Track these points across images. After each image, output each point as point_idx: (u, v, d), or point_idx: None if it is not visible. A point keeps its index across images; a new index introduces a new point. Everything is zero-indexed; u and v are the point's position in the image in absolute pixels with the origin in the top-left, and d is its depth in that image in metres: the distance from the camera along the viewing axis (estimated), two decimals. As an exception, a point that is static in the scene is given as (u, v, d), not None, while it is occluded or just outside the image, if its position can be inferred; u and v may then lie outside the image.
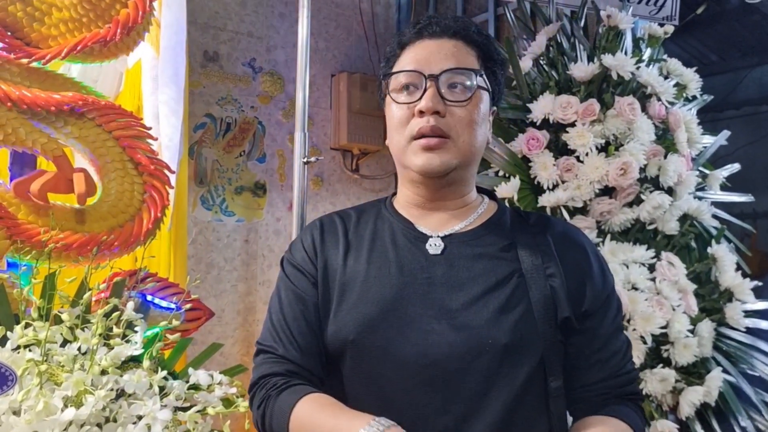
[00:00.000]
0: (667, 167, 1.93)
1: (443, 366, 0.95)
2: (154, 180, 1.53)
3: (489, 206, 1.12)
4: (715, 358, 1.88)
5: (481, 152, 1.07)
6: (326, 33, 3.24)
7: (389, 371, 0.97)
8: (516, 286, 0.99)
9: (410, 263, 1.02)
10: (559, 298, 0.99)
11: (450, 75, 1.01)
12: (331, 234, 1.09)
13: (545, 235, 1.06)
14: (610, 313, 1.05)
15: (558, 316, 0.99)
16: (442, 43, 1.03)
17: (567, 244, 1.06)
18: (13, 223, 1.35)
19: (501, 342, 0.95)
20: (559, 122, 1.93)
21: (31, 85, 1.40)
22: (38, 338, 1.11)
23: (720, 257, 1.98)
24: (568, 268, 1.02)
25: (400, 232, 1.06)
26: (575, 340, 1.02)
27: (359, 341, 0.99)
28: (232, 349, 2.87)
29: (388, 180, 3.48)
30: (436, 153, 1.00)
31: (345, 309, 1.01)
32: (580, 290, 1.02)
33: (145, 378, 1.14)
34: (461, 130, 1.00)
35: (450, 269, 1.00)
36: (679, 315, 1.78)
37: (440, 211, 1.08)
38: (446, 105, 1.00)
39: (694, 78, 2.20)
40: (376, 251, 1.05)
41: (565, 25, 2.19)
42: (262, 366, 1.04)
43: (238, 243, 2.93)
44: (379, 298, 1.00)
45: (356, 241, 1.07)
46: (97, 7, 1.47)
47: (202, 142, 2.83)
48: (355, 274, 1.03)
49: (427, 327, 0.96)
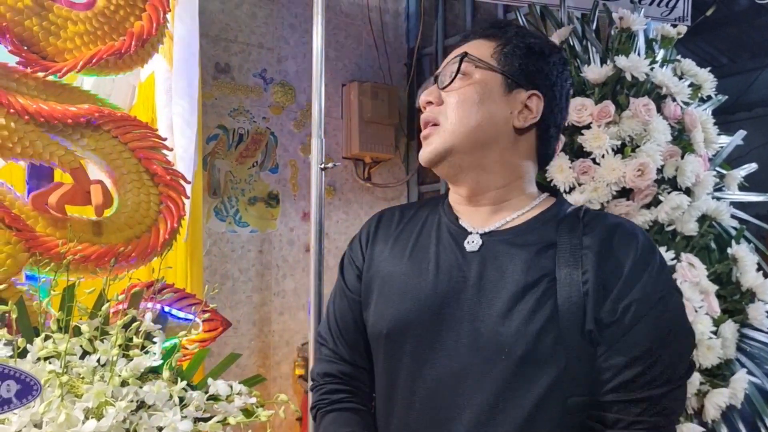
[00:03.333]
0: (684, 168, 1.91)
1: (464, 371, 0.93)
2: (170, 191, 1.53)
3: (543, 202, 1.03)
4: (739, 359, 1.84)
5: (488, 132, 0.99)
6: (336, 43, 3.25)
7: (417, 369, 0.97)
8: (544, 292, 0.91)
9: (447, 260, 1.00)
10: (588, 308, 0.89)
11: (446, 67, 1.02)
12: (386, 227, 1.11)
13: (591, 235, 0.95)
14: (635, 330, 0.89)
15: (585, 328, 0.89)
16: (465, 44, 1.05)
17: (611, 245, 0.94)
18: (32, 235, 1.36)
19: (517, 352, 0.89)
20: (574, 125, 1.91)
21: (47, 98, 1.41)
22: (58, 350, 1.12)
23: (741, 257, 1.95)
24: (602, 273, 0.91)
25: (445, 226, 1.05)
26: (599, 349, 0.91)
27: (392, 336, 1.00)
28: (248, 360, 2.86)
29: (401, 188, 3.48)
30: (427, 142, 1.01)
31: (382, 303, 1.02)
32: (606, 298, 0.90)
33: (165, 389, 1.13)
34: (450, 113, 0.99)
35: (483, 269, 0.96)
36: (701, 316, 1.75)
37: (481, 205, 1.03)
38: (442, 96, 1.01)
39: (708, 78, 2.18)
40: (419, 246, 1.04)
41: (577, 28, 2.18)
42: (320, 362, 1.12)
43: (253, 254, 2.93)
44: (414, 295, 0.99)
45: (405, 234, 1.07)
46: (112, 20, 1.48)
47: (215, 154, 2.84)
48: (396, 268, 1.03)
49: (457, 329, 0.95)
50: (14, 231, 1.34)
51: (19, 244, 1.34)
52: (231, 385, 1.27)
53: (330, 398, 1.07)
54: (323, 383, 1.10)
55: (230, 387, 1.27)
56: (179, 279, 1.88)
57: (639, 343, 0.89)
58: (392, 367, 1.01)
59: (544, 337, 0.89)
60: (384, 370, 1.03)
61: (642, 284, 0.90)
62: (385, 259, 1.06)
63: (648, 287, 0.90)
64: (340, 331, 1.09)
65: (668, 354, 0.90)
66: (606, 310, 0.90)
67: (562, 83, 1.04)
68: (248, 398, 1.28)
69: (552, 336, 0.89)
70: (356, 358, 1.08)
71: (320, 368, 1.11)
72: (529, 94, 1.00)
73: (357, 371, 1.08)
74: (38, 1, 1.40)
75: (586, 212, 1.00)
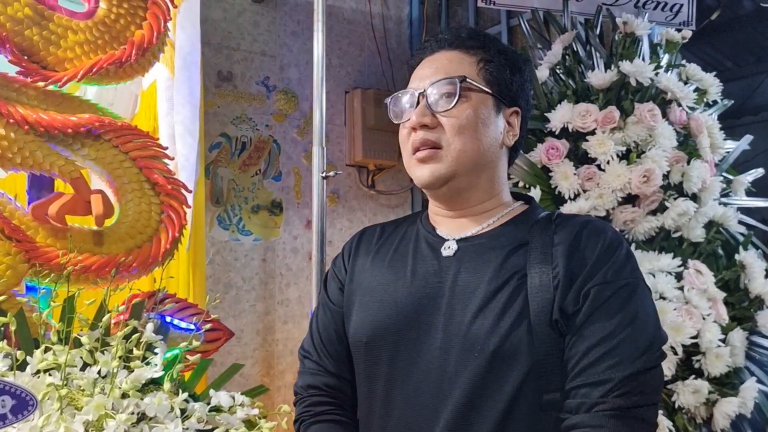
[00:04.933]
0: (690, 173, 1.89)
1: (438, 373, 0.95)
2: (172, 200, 1.52)
3: (517, 209, 1.07)
4: (748, 367, 1.82)
5: (487, 156, 1.02)
6: (339, 50, 3.25)
7: (395, 375, 0.99)
8: (514, 289, 0.94)
9: (424, 267, 1.03)
10: (556, 300, 0.91)
11: (436, 87, 1.01)
12: (367, 242, 1.14)
13: (562, 233, 0.97)
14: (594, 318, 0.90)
15: (552, 319, 0.91)
16: (440, 57, 1.05)
17: (580, 241, 0.95)
18: (32, 246, 1.35)
19: (489, 348, 0.91)
20: (578, 131, 1.90)
21: (47, 108, 1.40)
22: (58, 362, 1.10)
23: (749, 264, 1.93)
24: (570, 266, 0.93)
25: (423, 237, 1.08)
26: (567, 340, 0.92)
27: (371, 344, 1.02)
28: (252, 370, 2.84)
29: (404, 195, 3.46)
30: (428, 165, 1.01)
31: (362, 312, 1.05)
32: (572, 288, 0.92)
33: (166, 401, 1.12)
34: (452, 138, 0.99)
35: (459, 273, 0.99)
36: (709, 324, 1.73)
37: (463, 216, 1.06)
38: (437, 117, 1.01)
39: (714, 83, 2.17)
40: (397, 256, 1.07)
41: (580, 33, 2.17)
42: (303, 375, 1.14)
43: (256, 262, 2.91)
44: (392, 302, 1.02)
45: (384, 247, 1.11)
46: (112, 29, 1.48)
47: (218, 162, 2.83)
48: (376, 278, 1.07)
49: (433, 333, 0.97)
50: (14, 242, 1.33)
51: (19, 254, 1.33)
52: (233, 396, 1.26)
53: (314, 410, 1.09)
54: (307, 396, 1.11)
55: (233, 398, 1.25)
56: (181, 289, 1.87)
57: (601, 327, 0.90)
58: (372, 375, 1.04)
59: (515, 332, 0.91)
60: (364, 378, 1.05)
61: (604, 271, 0.92)
62: (365, 271, 1.09)
63: (610, 274, 0.92)
64: (323, 344, 1.11)
65: (632, 338, 0.89)
66: (570, 299, 0.91)
67: (530, 93, 1.10)
68: (251, 409, 1.26)
69: (523, 331, 0.91)
70: (340, 370, 1.10)
71: (304, 381, 1.13)
72: (511, 111, 1.05)
73: (341, 383, 1.10)
74: (38, 10, 1.39)
75: (558, 215, 1.03)
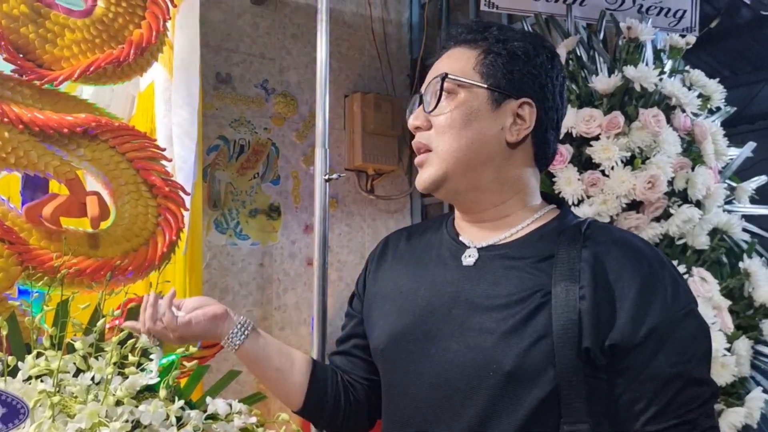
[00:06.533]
0: (695, 180, 1.88)
1: (452, 387, 0.91)
2: (169, 202, 1.49)
3: (546, 214, 1.00)
4: (754, 377, 1.80)
5: (482, 154, 0.95)
6: (339, 53, 3.23)
7: (408, 386, 0.97)
8: (537, 306, 0.88)
9: (443, 276, 0.98)
10: (585, 325, 0.85)
11: (428, 87, 0.99)
12: (392, 248, 1.12)
13: (592, 248, 0.90)
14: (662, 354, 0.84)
15: (580, 346, 0.85)
16: (445, 55, 1.02)
17: (612, 258, 0.89)
18: (25, 248, 1.31)
19: (505, 368, 0.86)
20: (582, 136, 1.88)
21: (43, 107, 1.37)
22: (50, 368, 1.08)
23: (753, 272, 1.91)
24: (602, 289, 0.86)
25: (446, 243, 1.03)
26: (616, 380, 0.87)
27: (387, 353, 1.01)
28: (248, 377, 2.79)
29: (404, 200, 3.44)
30: (423, 169, 0.99)
31: (382, 320, 1.04)
32: (610, 318, 0.85)
33: (161, 408, 1.10)
34: (439, 139, 0.96)
35: (478, 283, 0.94)
36: (715, 333, 1.71)
37: (482, 222, 1.01)
38: (430, 118, 0.98)
39: (717, 89, 2.16)
40: (420, 263, 1.04)
41: (584, 38, 2.15)
42: None
43: (253, 267, 2.88)
44: (409, 311, 0.99)
45: (408, 254, 1.08)
46: (111, 28, 1.45)
47: (216, 165, 2.81)
48: (396, 285, 1.04)
49: (446, 344, 0.93)
50: (7, 244, 1.30)
51: (11, 257, 1.30)
52: (230, 404, 1.24)
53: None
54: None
55: (230, 406, 1.24)
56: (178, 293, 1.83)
57: (667, 368, 0.85)
58: (388, 384, 1.03)
59: (534, 353, 0.86)
60: (384, 387, 1.04)
61: (658, 306, 0.85)
62: (388, 278, 1.08)
63: (667, 309, 0.85)
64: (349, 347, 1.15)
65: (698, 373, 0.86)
66: (625, 332, 0.85)
67: (553, 82, 0.99)
68: (248, 417, 1.24)
69: (543, 353, 0.86)
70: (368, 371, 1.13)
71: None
72: (519, 103, 0.96)
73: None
74: (35, 8, 1.36)
75: (590, 225, 0.95)
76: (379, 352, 1.03)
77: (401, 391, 0.98)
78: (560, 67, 1.02)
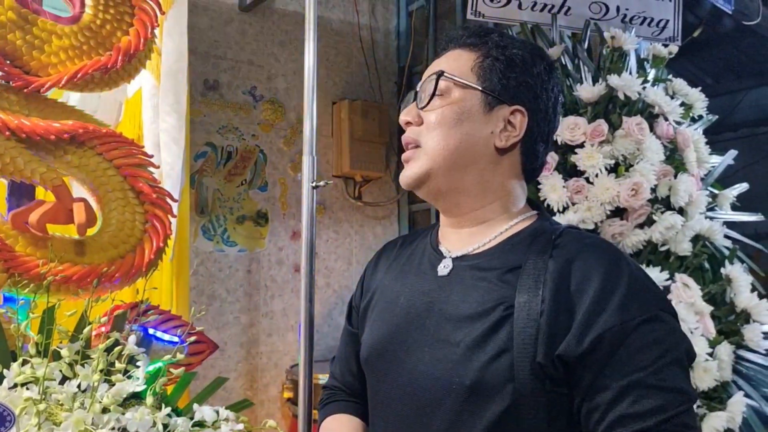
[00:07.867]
0: (677, 187, 1.90)
1: (422, 399, 0.91)
2: (156, 209, 1.49)
3: (523, 221, 0.98)
4: (736, 382, 1.82)
5: (468, 155, 0.95)
6: (326, 60, 3.24)
7: (385, 396, 0.98)
8: (500, 319, 0.86)
9: (420, 285, 0.99)
10: (540, 340, 0.83)
11: (424, 84, 0.99)
12: (386, 257, 1.12)
13: (558, 257, 0.88)
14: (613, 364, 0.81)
15: (535, 360, 0.83)
16: (444, 55, 1.02)
17: (576, 268, 0.86)
18: (11, 255, 1.31)
19: (465, 382, 0.86)
20: (567, 143, 1.90)
21: (30, 114, 1.37)
22: (36, 375, 1.07)
23: (735, 278, 1.94)
24: (563, 301, 0.84)
25: (427, 252, 1.03)
26: (573, 393, 0.84)
27: (371, 361, 1.02)
28: (235, 383, 2.80)
29: (391, 207, 3.45)
30: (408, 164, 0.98)
31: (369, 329, 1.05)
32: (564, 330, 0.83)
33: (148, 416, 1.09)
34: (428, 135, 0.96)
35: (450, 294, 0.93)
36: (697, 338, 1.73)
37: (462, 227, 1.00)
38: (422, 115, 0.98)
39: (699, 98, 2.19)
40: (402, 272, 1.05)
41: (569, 47, 2.18)
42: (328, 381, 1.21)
43: (241, 273, 2.88)
44: (389, 320, 1.00)
45: (396, 262, 1.08)
46: (98, 35, 1.45)
47: (203, 172, 2.80)
48: (383, 295, 1.05)
49: (419, 355, 0.93)
50: (-7, 250, 1.29)
51: (-3, 264, 1.29)
52: (217, 411, 1.23)
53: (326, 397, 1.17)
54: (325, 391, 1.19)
55: (217, 413, 1.23)
56: (165, 300, 1.83)
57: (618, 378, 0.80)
58: (371, 393, 1.03)
59: (495, 367, 0.84)
60: (369, 396, 1.05)
61: (607, 315, 0.81)
62: (378, 287, 1.08)
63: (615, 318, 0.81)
64: (345, 363, 1.16)
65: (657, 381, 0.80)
66: (570, 343, 0.82)
67: (548, 94, 0.98)
68: (235, 424, 1.23)
69: (503, 367, 0.84)
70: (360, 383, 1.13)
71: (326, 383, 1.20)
72: (512, 110, 0.95)
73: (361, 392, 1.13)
74: (22, 14, 1.36)
75: (562, 233, 0.93)
76: (364, 362, 1.04)
77: (380, 401, 0.99)
78: (557, 80, 1.01)
